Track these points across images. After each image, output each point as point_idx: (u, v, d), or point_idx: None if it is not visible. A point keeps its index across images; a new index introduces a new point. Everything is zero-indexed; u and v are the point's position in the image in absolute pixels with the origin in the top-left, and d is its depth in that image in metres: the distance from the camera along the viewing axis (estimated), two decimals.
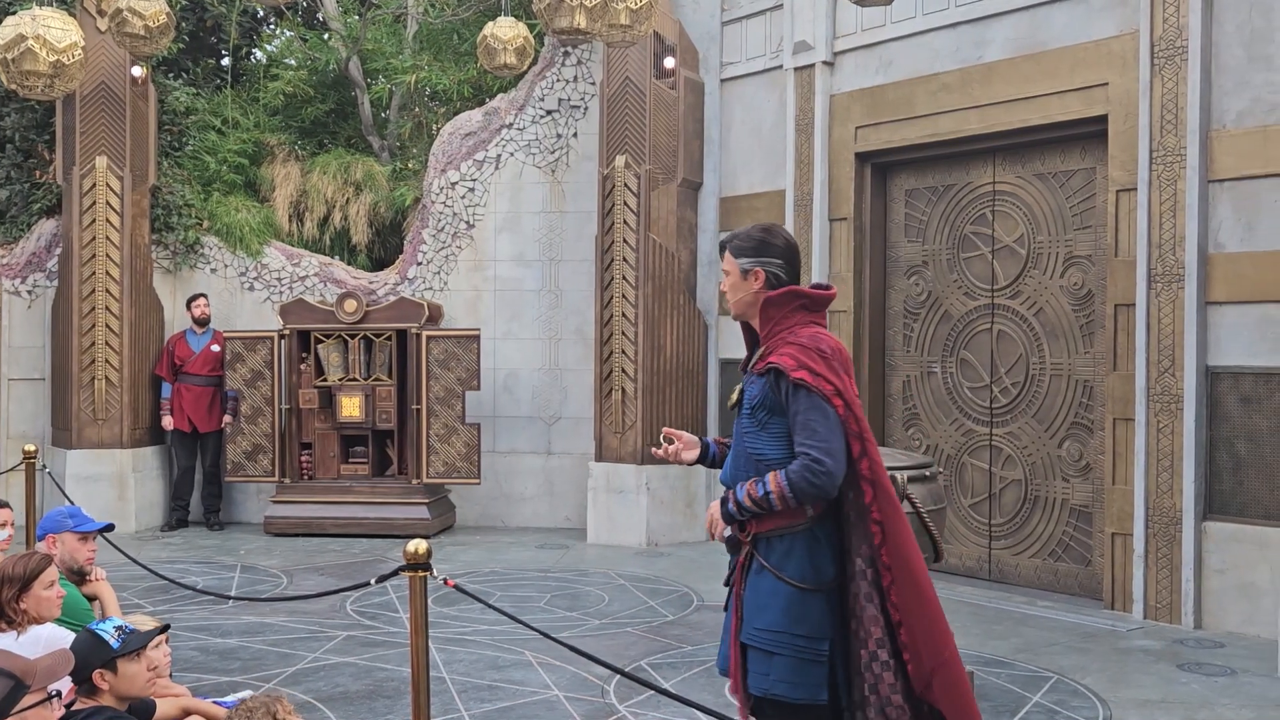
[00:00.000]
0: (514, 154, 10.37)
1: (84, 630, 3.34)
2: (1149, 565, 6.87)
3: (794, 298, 3.33)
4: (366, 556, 8.87)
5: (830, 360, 3.23)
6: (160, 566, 7.70)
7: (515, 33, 8.20)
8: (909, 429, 8.56)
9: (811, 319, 3.35)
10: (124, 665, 3.37)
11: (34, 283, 10.51)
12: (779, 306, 3.35)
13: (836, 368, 3.23)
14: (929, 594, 3.22)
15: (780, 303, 3.35)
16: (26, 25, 7.17)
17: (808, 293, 3.35)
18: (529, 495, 10.34)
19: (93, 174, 9.84)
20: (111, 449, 9.90)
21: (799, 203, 8.87)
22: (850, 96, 8.61)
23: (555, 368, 10.31)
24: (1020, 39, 7.64)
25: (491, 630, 6.59)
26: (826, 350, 3.24)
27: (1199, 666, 5.93)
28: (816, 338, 3.28)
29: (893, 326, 8.70)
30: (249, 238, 10.67)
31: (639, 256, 9.32)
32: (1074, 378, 7.58)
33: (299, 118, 12.23)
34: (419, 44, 12.24)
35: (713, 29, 9.76)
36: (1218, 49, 6.71)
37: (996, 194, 8.02)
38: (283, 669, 5.83)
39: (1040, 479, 7.75)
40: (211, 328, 10.23)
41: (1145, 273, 6.89)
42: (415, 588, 3.46)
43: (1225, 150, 6.65)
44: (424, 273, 10.46)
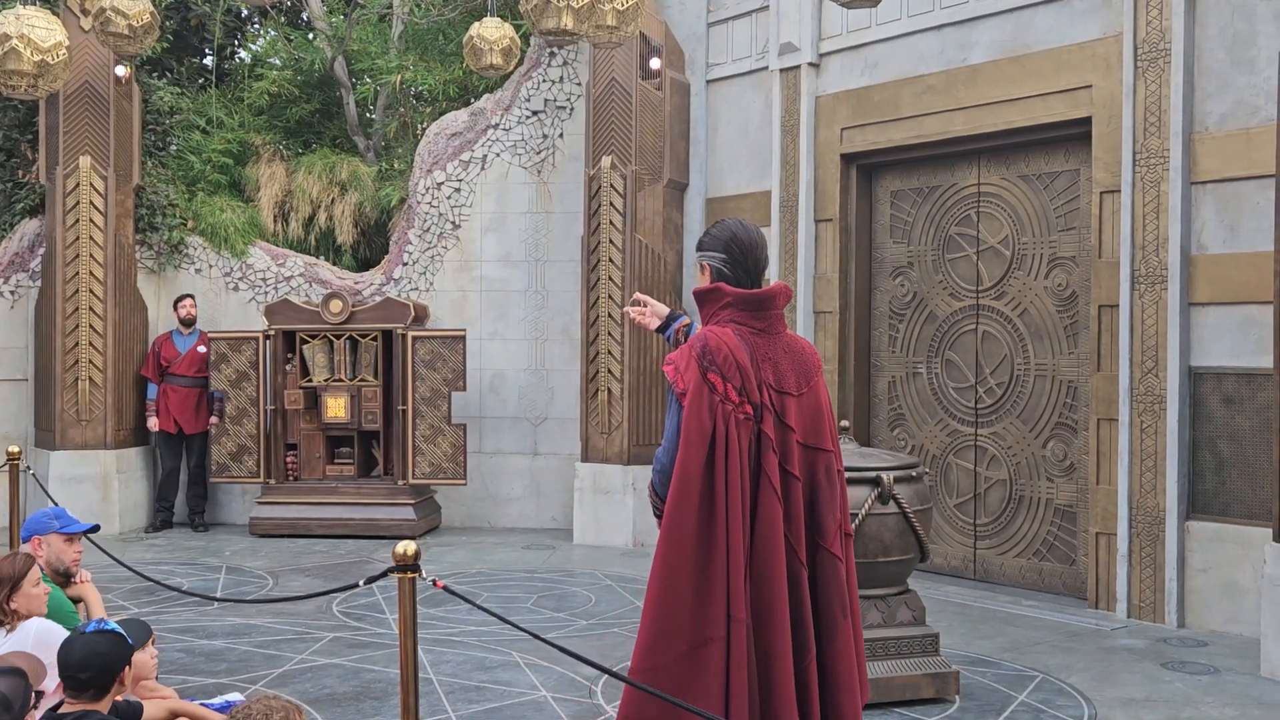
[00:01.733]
0: (500, 154, 10.37)
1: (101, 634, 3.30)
2: (1133, 564, 6.91)
3: (720, 295, 3.34)
4: (352, 558, 8.85)
5: (703, 358, 3.22)
6: (145, 568, 7.66)
7: (501, 33, 8.20)
8: (894, 429, 8.59)
9: (743, 316, 3.33)
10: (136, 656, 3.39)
11: (17, 283, 10.45)
12: (706, 302, 3.38)
13: (707, 365, 3.21)
14: (659, 588, 3.17)
15: (705, 298, 3.37)
16: (11, 25, 7.13)
17: (731, 291, 3.33)
18: (515, 496, 10.34)
19: (76, 174, 9.80)
20: (95, 450, 9.86)
21: (785, 204, 8.89)
22: (836, 98, 8.64)
23: (541, 368, 10.31)
24: (1005, 41, 7.67)
25: (478, 631, 6.59)
26: (704, 347, 3.23)
27: (1183, 665, 5.97)
28: (707, 335, 3.27)
29: (878, 327, 8.73)
30: (234, 238, 10.64)
31: (625, 257, 9.33)
32: (1058, 378, 7.62)
33: (284, 117, 12.20)
34: (405, 44, 12.22)
35: (699, 30, 9.77)
36: (1200, 52, 6.76)
37: (981, 195, 8.06)
38: (269, 670, 5.82)
39: (1025, 479, 7.79)
40: (198, 328, 10.19)
41: (1129, 274, 6.94)
42: (404, 589, 3.46)
43: (1208, 152, 6.69)
44: (410, 273, 10.45)
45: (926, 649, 5.35)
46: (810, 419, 3.34)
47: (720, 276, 3.38)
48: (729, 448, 3.15)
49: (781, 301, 3.40)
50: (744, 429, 3.19)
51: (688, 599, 3.13)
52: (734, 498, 3.15)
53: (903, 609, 5.39)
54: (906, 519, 5.29)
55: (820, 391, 3.40)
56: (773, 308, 3.37)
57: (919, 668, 5.29)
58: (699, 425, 3.16)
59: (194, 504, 10.19)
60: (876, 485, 5.23)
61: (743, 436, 3.19)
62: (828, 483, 3.34)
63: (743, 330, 3.31)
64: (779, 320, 3.39)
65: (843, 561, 3.34)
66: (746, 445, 3.20)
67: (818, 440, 3.35)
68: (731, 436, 3.16)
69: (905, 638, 5.32)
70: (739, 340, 3.27)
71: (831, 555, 3.31)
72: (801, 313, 8.74)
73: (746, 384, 3.22)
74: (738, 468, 3.16)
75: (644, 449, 9.36)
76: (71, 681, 3.22)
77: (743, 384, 3.21)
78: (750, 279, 3.39)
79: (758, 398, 3.23)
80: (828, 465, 3.36)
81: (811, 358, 3.42)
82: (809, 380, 3.34)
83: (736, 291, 3.33)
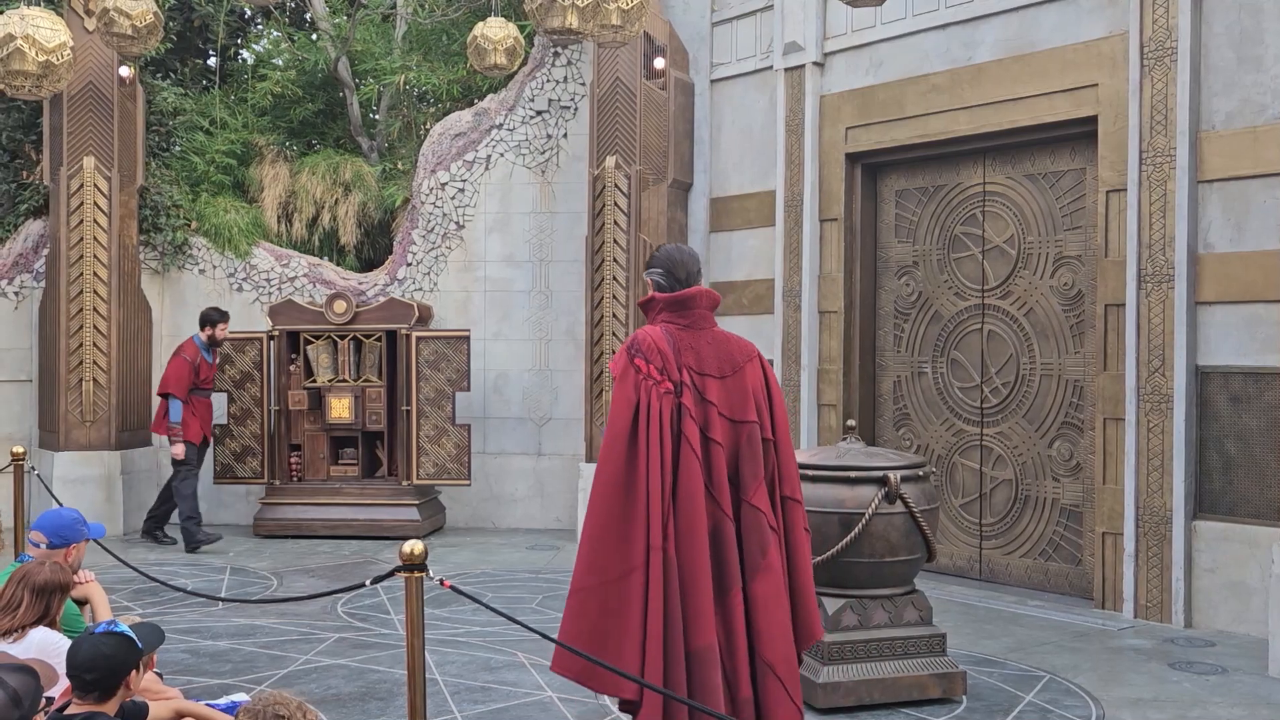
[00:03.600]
0: (504, 154, 10.36)
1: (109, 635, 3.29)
2: (1139, 564, 6.89)
3: (655, 302, 4.11)
4: (357, 558, 8.84)
5: (631, 349, 3.96)
6: (149, 568, 7.66)
7: (505, 33, 8.19)
8: (900, 429, 8.58)
9: (671, 316, 4.07)
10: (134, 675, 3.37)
11: (21, 284, 10.45)
12: (648, 310, 4.14)
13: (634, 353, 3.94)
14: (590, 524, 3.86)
15: (646, 307, 4.16)
16: (15, 25, 7.12)
17: (662, 297, 4.09)
18: (519, 496, 10.33)
19: (80, 174, 9.79)
20: (99, 451, 9.85)
21: (789, 203, 8.88)
22: (840, 97, 8.62)
23: (545, 369, 10.30)
24: (1010, 40, 7.66)
25: (484, 631, 6.57)
26: (633, 341, 3.99)
27: (1190, 665, 5.95)
28: (637, 332, 4.04)
29: (883, 327, 8.71)
30: (237, 238, 10.64)
31: (629, 257, 9.31)
32: (1064, 378, 7.60)
33: (287, 118, 12.20)
34: (408, 44, 12.22)
35: (703, 30, 9.76)
36: (1207, 50, 6.74)
37: (987, 194, 8.04)
38: (274, 671, 5.81)
39: (1031, 479, 7.77)
40: None
41: (1135, 273, 6.92)
42: (411, 589, 3.45)
43: (1214, 151, 6.67)
44: (414, 273, 10.44)
45: (933, 649, 5.33)
46: (734, 397, 3.98)
47: (659, 288, 4.12)
48: (649, 413, 3.84)
49: (703, 301, 4.09)
50: (665, 401, 3.88)
51: (614, 533, 3.79)
52: (653, 453, 3.81)
53: (909, 609, 5.37)
54: (913, 519, 5.27)
55: (747, 376, 4.02)
56: (695, 307, 4.07)
57: (926, 668, 5.28)
58: (625, 396, 3.88)
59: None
60: (883, 485, 5.21)
61: (664, 406, 3.87)
62: (749, 448, 3.95)
63: (670, 327, 4.04)
64: (704, 318, 4.09)
65: (764, 513, 3.92)
66: (667, 413, 3.87)
67: (741, 414, 3.98)
68: (652, 405, 3.85)
69: (912, 638, 5.30)
70: (664, 334, 4.00)
71: (752, 507, 3.91)
72: (806, 312, 8.72)
73: (667, 365, 3.92)
74: (657, 429, 3.82)
75: None
76: (78, 681, 3.21)
77: (663, 365, 3.92)
78: (681, 287, 4.11)
79: (677, 377, 3.92)
80: (750, 434, 3.96)
81: (739, 349, 4.08)
82: (734, 366, 4.01)
83: (665, 296, 4.08)
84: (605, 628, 3.75)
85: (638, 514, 3.77)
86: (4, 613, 3.87)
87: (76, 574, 4.81)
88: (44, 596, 3.93)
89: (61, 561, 4.58)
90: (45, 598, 3.94)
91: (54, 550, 4.63)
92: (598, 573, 3.79)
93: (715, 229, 9.70)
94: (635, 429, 3.84)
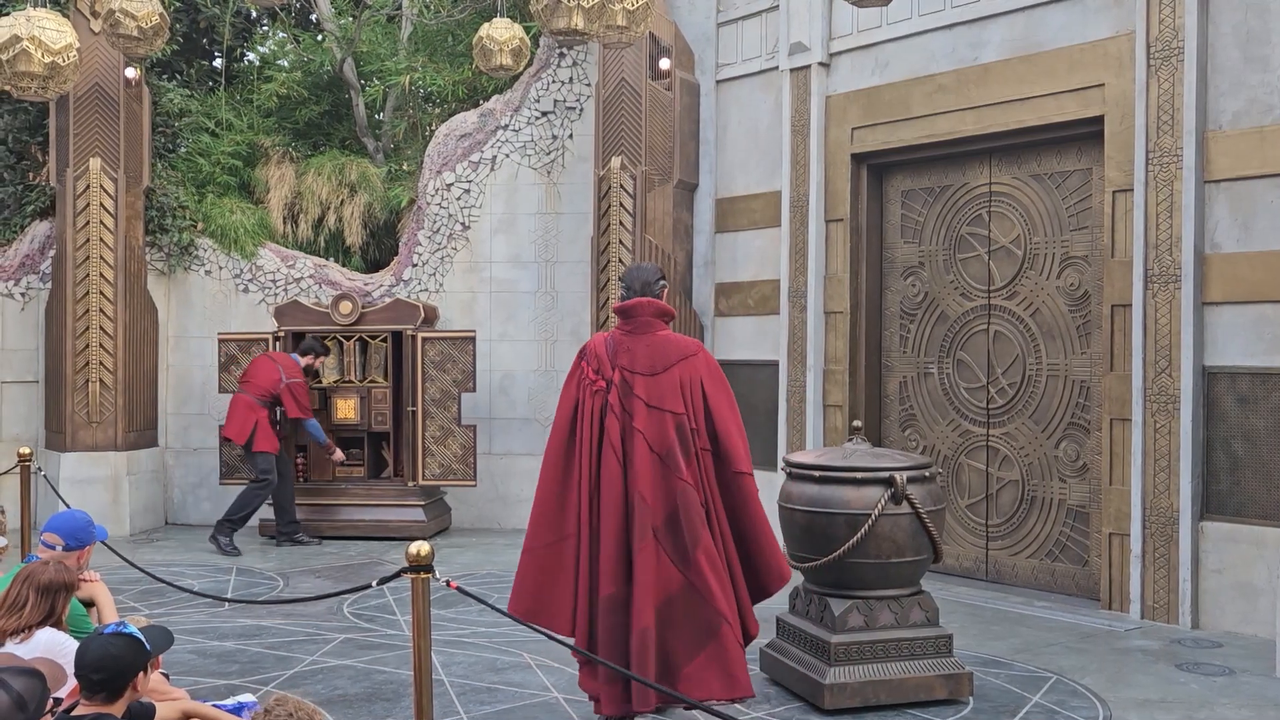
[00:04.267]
0: (509, 155, 10.36)
1: (118, 636, 3.29)
2: (1146, 565, 6.87)
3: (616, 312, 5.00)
4: (363, 559, 8.85)
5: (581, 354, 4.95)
6: (155, 569, 7.66)
7: (511, 34, 8.19)
8: (905, 430, 8.57)
9: (621, 322, 4.95)
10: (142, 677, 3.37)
11: (27, 285, 10.47)
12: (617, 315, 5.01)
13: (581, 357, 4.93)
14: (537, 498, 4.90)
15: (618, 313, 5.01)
16: (21, 26, 7.12)
17: (617, 305, 4.98)
18: (525, 497, 10.26)
19: (86, 176, 9.81)
20: (105, 452, 9.87)
21: (795, 204, 8.87)
22: (846, 97, 8.62)
23: (551, 369, 10.29)
24: (1016, 40, 7.64)
25: (489, 632, 6.58)
26: (583, 347, 4.99)
27: (1197, 666, 5.94)
28: (589, 340, 5.03)
29: (889, 328, 8.70)
30: (243, 239, 10.64)
31: (635, 258, 9.31)
32: (1071, 378, 7.59)
33: (293, 119, 12.20)
34: (414, 45, 12.22)
35: (708, 30, 9.75)
36: (1213, 50, 6.72)
37: (993, 195, 8.03)
38: (281, 671, 5.81)
39: (1037, 479, 7.76)
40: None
41: (1142, 273, 6.90)
42: (418, 589, 3.45)
43: (1221, 151, 6.66)
44: (419, 274, 10.44)
45: (940, 650, 5.32)
46: (661, 390, 4.76)
47: (621, 298, 4.99)
48: (582, 410, 4.83)
49: (643, 310, 4.88)
50: (596, 399, 4.81)
51: (554, 504, 4.81)
52: (584, 445, 4.78)
53: (916, 610, 5.36)
54: (920, 519, 5.26)
55: (676, 372, 4.79)
56: (637, 315, 4.89)
57: (932, 669, 5.27)
58: (569, 394, 4.91)
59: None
60: (889, 486, 5.20)
61: (595, 404, 4.81)
62: (678, 435, 4.72)
63: (616, 332, 4.93)
64: (646, 324, 4.88)
65: (694, 486, 4.71)
66: (597, 411, 4.80)
67: (665, 405, 4.75)
68: (585, 402, 4.83)
69: (918, 639, 5.29)
70: (607, 339, 4.92)
71: (684, 483, 4.69)
72: (812, 313, 8.71)
73: (601, 367, 4.86)
74: (587, 424, 4.79)
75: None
76: (85, 682, 3.21)
77: (598, 367, 4.86)
78: (632, 297, 4.93)
79: (610, 375, 4.82)
80: (679, 423, 4.74)
81: (676, 350, 4.84)
82: (665, 365, 4.80)
83: (617, 305, 4.96)
84: (544, 580, 4.79)
85: (571, 493, 4.80)
86: (10, 612, 3.86)
87: (83, 575, 4.81)
88: (49, 596, 3.93)
89: (73, 563, 4.59)
90: (50, 597, 3.93)
91: (69, 552, 4.63)
92: (540, 538, 4.83)
93: (721, 229, 9.70)
94: (574, 423, 4.83)
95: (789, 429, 8.87)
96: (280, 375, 9.24)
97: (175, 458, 10.63)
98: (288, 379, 9.25)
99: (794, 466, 5.53)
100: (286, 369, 9.29)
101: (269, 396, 9.22)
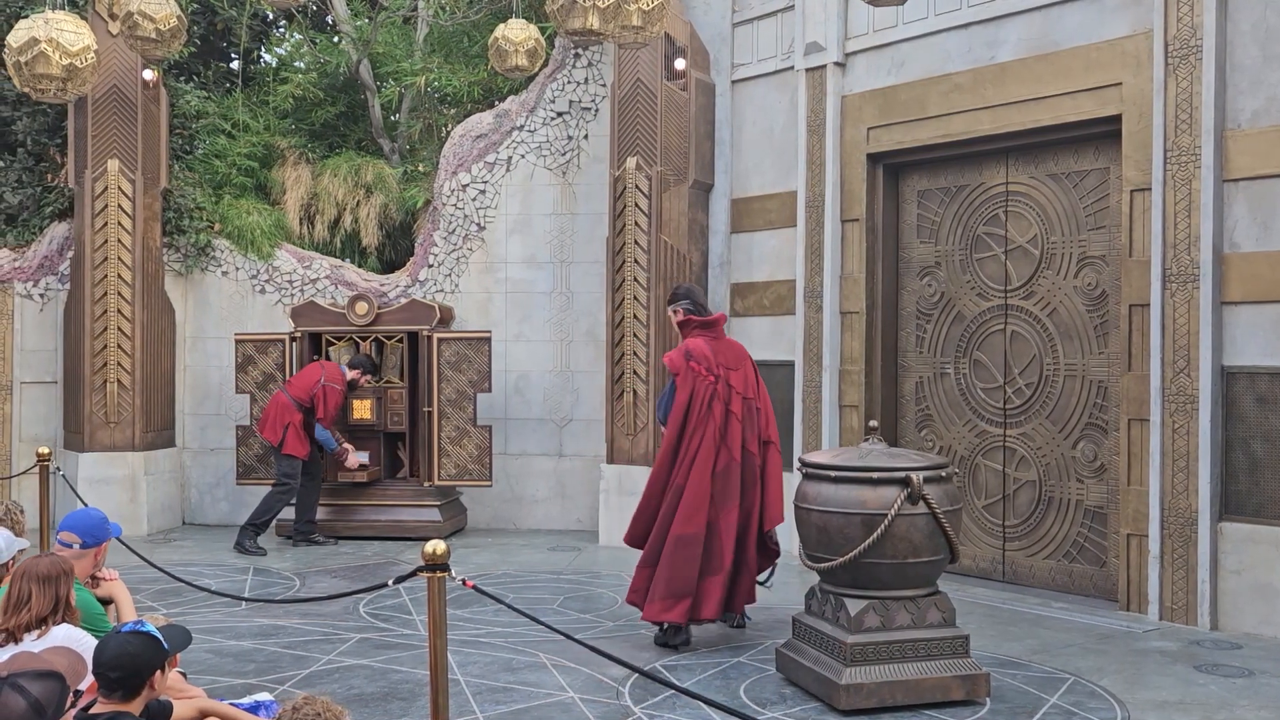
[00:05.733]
0: (525, 156, 10.37)
1: (136, 634, 3.29)
2: (1164, 566, 6.84)
3: (691, 323, 6.53)
4: (378, 559, 8.87)
5: (688, 355, 6.31)
6: (173, 569, 7.69)
7: (527, 34, 8.20)
8: (922, 430, 8.54)
9: (703, 333, 6.47)
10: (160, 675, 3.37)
11: (46, 286, 10.53)
12: (686, 328, 6.56)
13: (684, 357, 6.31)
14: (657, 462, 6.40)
15: (684, 326, 6.57)
16: (39, 29, 7.17)
17: (697, 320, 6.51)
18: (540, 497, 10.34)
19: (104, 177, 9.86)
20: (123, 452, 9.92)
21: (810, 204, 8.85)
22: (862, 97, 8.60)
23: (566, 369, 10.30)
24: (1033, 39, 7.62)
25: (505, 632, 6.58)
26: (687, 349, 6.37)
27: (1216, 668, 5.91)
28: (688, 343, 6.42)
29: (905, 328, 8.68)
30: (260, 240, 10.68)
31: (650, 258, 9.31)
32: (1088, 378, 7.56)
33: (309, 120, 12.24)
34: (429, 46, 12.25)
35: (724, 30, 9.74)
36: (1232, 48, 6.69)
37: (1009, 194, 8.00)
38: (298, 671, 5.83)
39: (1054, 480, 7.73)
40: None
41: (1160, 273, 6.87)
42: (434, 588, 3.45)
43: (1240, 150, 6.62)
44: (435, 275, 10.46)
45: (956, 651, 5.30)
46: (743, 382, 6.36)
47: (690, 312, 6.55)
48: (696, 396, 6.24)
49: (720, 321, 6.62)
50: (707, 388, 6.23)
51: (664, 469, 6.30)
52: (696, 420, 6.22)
53: (932, 610, 5.34)
54: (936, 520, 5.24)
55: (747, 368, 6.46)
56: (718, 325, 6.57)
57: (949, 669, 5.25)
58: (685, 385, 6.26)
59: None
60: (906, 486, 5.19)
61: (707, 391, 6.23)
62: (749, 415, 6.33)
63: (704, 339, 6.43)
64: (721, 332, 6.57)
65: (755, 455, 6.34)
66: (708, 396, 6.22)
67: (749, 393, 6.38)
68: (699, 391, 6.24)
69: (935, 639, 5.27)
70: (705, 343, 6.39)
71: (749, 452, 6.31)
72: (828, 313, 8.69)
73: (710, 365, 6.29)
74: (700, 404, 6.22)
75: None
76: (103, 680, 3.22)
77: (708, 366, 6.29)
78: (704, 313, 6.59)
79: (717, 371, 6.29)
80: (751, 406, 6.36)
81: (739, 350, 6.54)
82: (739, 362, 6.43)
83: (699, 319, 6.53)
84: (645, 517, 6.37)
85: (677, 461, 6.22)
86: (16, 610, 3.85)
87: (101, 572, 4.83)
88: (51, 584, 3.90)
89: (90, 561, 4.60)
90: (52, 585, 3.91)
91: (87, 550, 4.64)
92: (652, 488, 6.32)
93: (736, 230, 9.68)
94: (689, 408, 6.22)
95: (805, 429, 8.85)
96: (320, 378, 9.24)
97: (192, 458, 10.68)
98: (326, 381, 9.24)
99: (810, 466, 5.52)
100: (329, 374, 9.31)
101: (306, 399, 9.19)
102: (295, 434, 9.15)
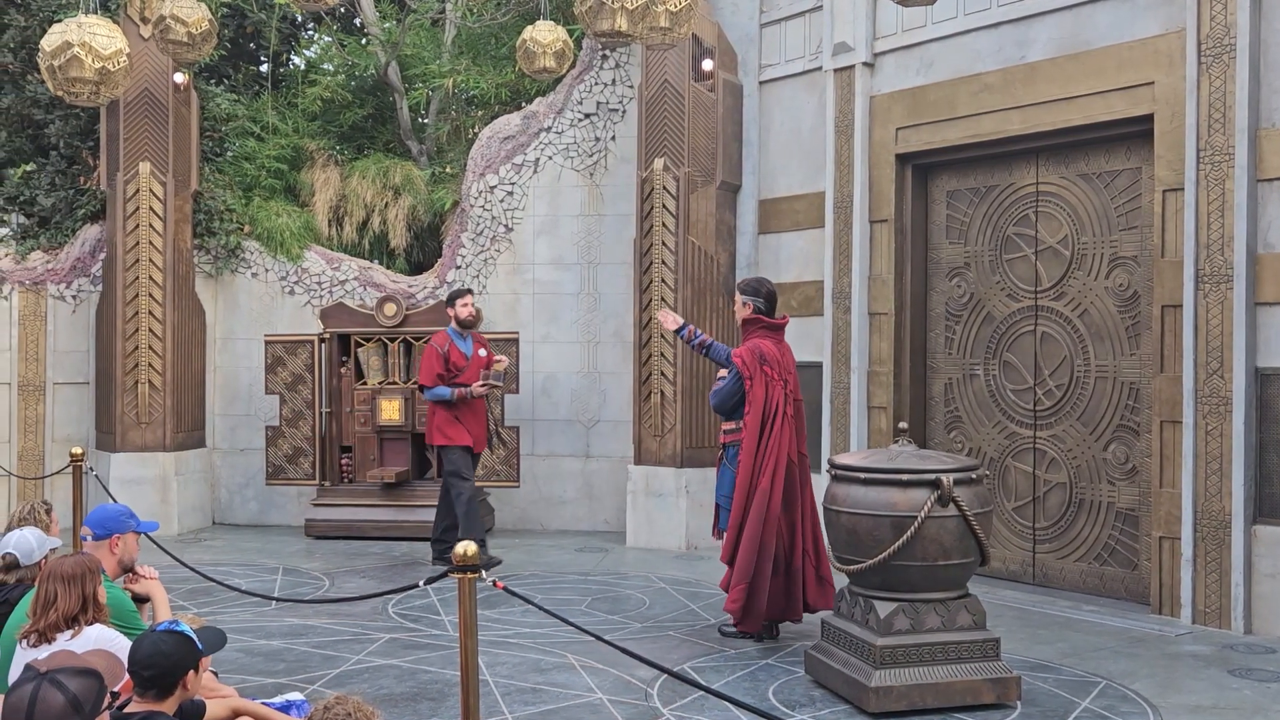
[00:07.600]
0: (552, 157, 10.39)
1: (170, 634, 3.31)
2: (1197, 569, 6.77)
3: (758, 322, 6.62)
4: (406, 559, 8.90)
5: (760, 359, 6.44)
6: (204, 568, 7.74)
7: (555, 36, 8.20)
8: (951, 432, 8.50)
9: (768, 334, 6.59)
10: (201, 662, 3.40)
11: (79, 288, 10.63)
12: (750, 325, 6.65)
13: (759, 360, 6.44)
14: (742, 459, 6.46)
15: (748, 323, 6.66)
16: (73, 33, 7.24)
17: (765, 320, 6.63)
18: (568, 498, 10.35)
19: (136, 180, 9.95)
20: (155, 452, 10.00)
21: (839, 205, 8.82)
22: (891, 97, 8.56)
23: (594, 371, 10.31)
24: (1064, 38, 7.56)
25: (534, 633, 6.59)
26: (760, 353, 6.47)
27: (1250, 672, 5.85)
28: (759, 345, 6.52)
29: (934, 329, 8.64)
30: (289, 242, 10.74)
31: (678, 259, 9.30)
32: (1120, 380, 7.50)
33: (337, 123, 12.31)
34: (457, 48, 12.28)
35: (751, 31, 9.73)
36: (1266, 46, 6.62)
37: (1040, 195, 7.95)
38: (327, 671, 5.85)
39: (1085, 482, 7.67)
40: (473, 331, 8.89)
41: (1193, 273, 6.81)
42: (464, 589, 3.46)
43: (1275, 149, 6.55)
44: (463, 276, 10.49)
45: (987, 654, 5.27)
46: (795, 384, 6.59)
47: (758, 310, 6.64)
48: (771, 398, 6.41)
49: (784, 327, 6.71)
50: (778, 391, 6.42)
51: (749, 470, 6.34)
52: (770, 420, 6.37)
53: (963, 613, 5.31)
54: (966, 522, 5.21)
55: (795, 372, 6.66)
56: (781, 329, 6.68)
57: (979, 672, 5.22)
58: (761, 391, 6.40)
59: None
60: (936, 488, 5.16)
61: (778, 393, 6.42)
62: (798, 418, 6.57)
63: (768, 341, 6.56)
64: (783, 335, 6.70)
65: (806, 456, 6.62)
66: (781, 398, 6.41)
67: (800, 395, 6.66)
68: (773, 395, 6.41)
69: (965, 642, 5.25)
70: (772, 345, 6.55)
71: (801, 454, 6.55)
72: (856, 314, 8.66)
73: (779, 369, 6.49)
74: (774, 406, 6.39)
75: (697, 451, 9.33)
76: (137, 678, 3.25)
77: (776, 369, 6.47)
78: (772, 314, 6.70)
79: (784, 375, 6.50)
80: (801, 408, 6.64)
81: (791, 354, 6.69)
82: (792, 366, 6.63)
83: (768, 321, 6.65)
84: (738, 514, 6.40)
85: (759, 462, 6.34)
86: (45, 611, 3.88)
87: (136, 569, 4.85)
88: (76, 583, 3.92)
89: (106, 552, 4.63)
90: (78, 583, 3.93)
91: (100, 541, 4.67)
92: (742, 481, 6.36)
93: (764, 230, 9.66)
94: (765, 411, 6.37)
95: (833, 431, 8.82)
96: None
97: (222, 458, 10.75)
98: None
99: (839, 468, 5.50)
100: (436, 340, 8.61)
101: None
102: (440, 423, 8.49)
